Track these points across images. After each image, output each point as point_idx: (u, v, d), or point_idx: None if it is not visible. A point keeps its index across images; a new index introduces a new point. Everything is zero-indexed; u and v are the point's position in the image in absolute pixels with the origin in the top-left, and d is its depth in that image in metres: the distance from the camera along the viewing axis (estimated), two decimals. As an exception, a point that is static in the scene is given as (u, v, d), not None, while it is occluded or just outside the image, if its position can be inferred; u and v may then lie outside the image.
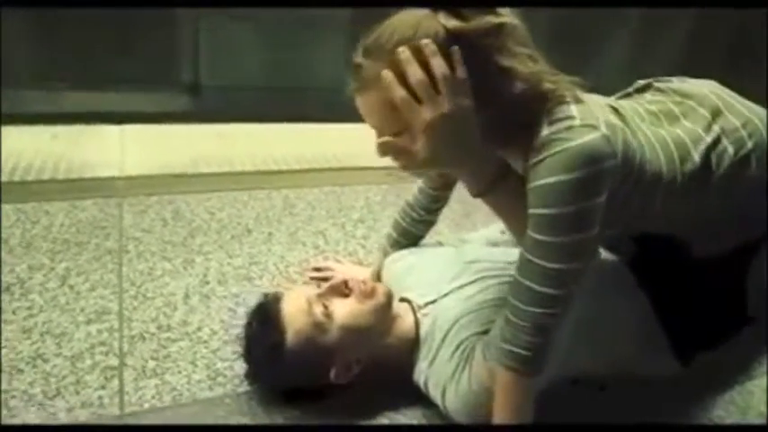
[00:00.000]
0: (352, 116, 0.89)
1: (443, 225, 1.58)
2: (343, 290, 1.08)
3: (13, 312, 1.23)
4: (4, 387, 1.04)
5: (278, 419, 1.04)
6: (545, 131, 0.82)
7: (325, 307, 1.04)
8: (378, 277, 1.39)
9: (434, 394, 1.05)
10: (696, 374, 1.16)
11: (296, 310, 1.04)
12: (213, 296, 1.36)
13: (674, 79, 1.12)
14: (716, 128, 1.00)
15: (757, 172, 1.00)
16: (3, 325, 1.18)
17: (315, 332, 1.03)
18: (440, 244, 1.40)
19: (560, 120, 0.82)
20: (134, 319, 1.26)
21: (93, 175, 1.85)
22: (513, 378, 0.91)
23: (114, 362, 1.13)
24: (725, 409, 1.16)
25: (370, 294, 1.07)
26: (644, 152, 0.91)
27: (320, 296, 1.07)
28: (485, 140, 0.86)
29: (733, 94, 1.07)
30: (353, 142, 2.41)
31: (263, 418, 1.04)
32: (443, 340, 1.06)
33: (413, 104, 0.80)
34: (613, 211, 0.89)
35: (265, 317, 1.05)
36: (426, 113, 0.80)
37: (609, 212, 0.87)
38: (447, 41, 0.79)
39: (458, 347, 1.03)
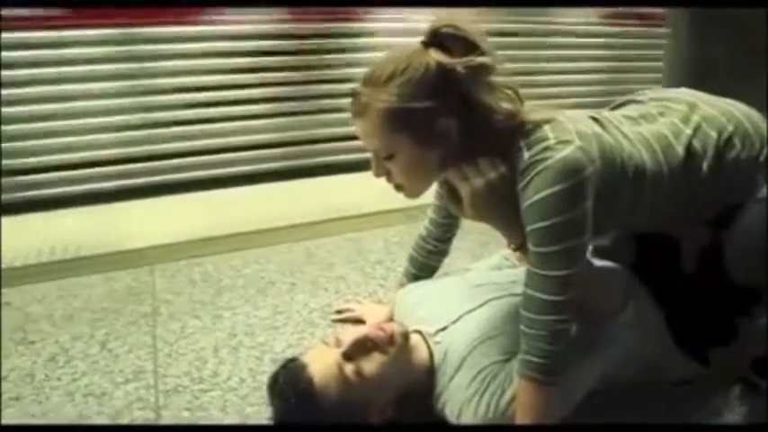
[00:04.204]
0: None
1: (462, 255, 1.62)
2: (366, 345, 1.07)
3: (58, 379, 1.32)
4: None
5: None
6: (525, 155, 0.90)
7: (355, 366, 1.03)
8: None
9: (451, 417, 1.07)
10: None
11: (328, 377, 1.03)
12: (241, 347, 1.43)
13: (647, 91, 1.18)
14: (695, 118, 1.05)
15: (743, 153, 1.03)
16: (50, 390, 1.28)
17: (350, 394, 1.02)
18: (446, 275, 1.45)
19: (537, 142, 0.91)
20: (168, 375, 1.33)
21: (126, 248, 1.98)
22: (532, 388, 0.94)
23: (151, 415, 1.20)
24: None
25: (391, 341, 1.07)
26: (623, 150, 0.97)
27: (346, 356, 1.04)
28: (473, 159, 0.96)
29: (706, 94, 1.12)
30: (366, 190, 2.52)
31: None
32: (460, 366, 1.08)
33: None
34: (606, 211, 0.95)
35: (298, 389, 1.02)
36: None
37: (602, 212, 0.94)
38: (436, 74, 0.90)
39: (479, 373, 1.05)
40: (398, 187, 1.02)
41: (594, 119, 1.02)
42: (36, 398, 1.26)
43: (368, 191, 2.38)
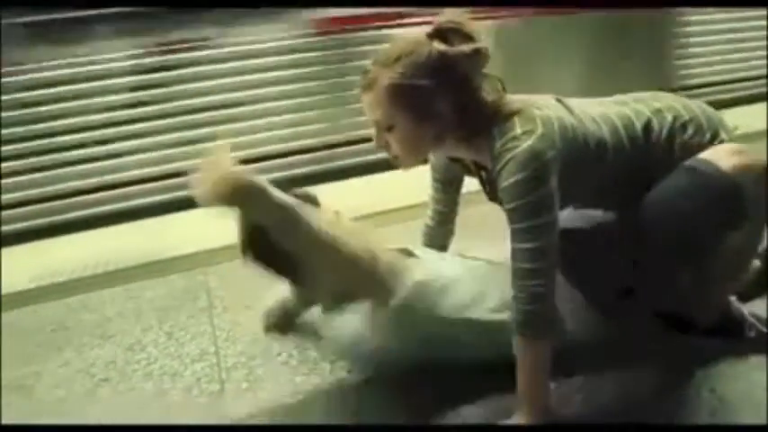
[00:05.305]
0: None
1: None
2: None
3: (137, 363, 1.56)
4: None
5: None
6: (497, 144, 1.09)
7: None
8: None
9: None
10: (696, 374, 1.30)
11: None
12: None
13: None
14: (656, 104, 1.25)
15: (694, 139, 1.22)
16: (131, 372, 1.52)
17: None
18: None
19: (506, 132, 1.09)
20: (229, 355, 1.55)
21: (179, 254, 2.22)
22: (524, 343, 1.11)
23: (216, 387, 1.42)
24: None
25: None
26: (585, 128, 1.16)
27: None
28: (455, 138, 1.16)
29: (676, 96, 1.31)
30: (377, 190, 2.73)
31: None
32: None
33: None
34: (574, 181, 1.13)
35: None
36: None
37: (571, 183, 1.11)
38: (437, 60, 1.08)
39: None
40: (395, 158, 1.19)
41: (560, 101, 1.20)
42: (122, 378, 1.49)
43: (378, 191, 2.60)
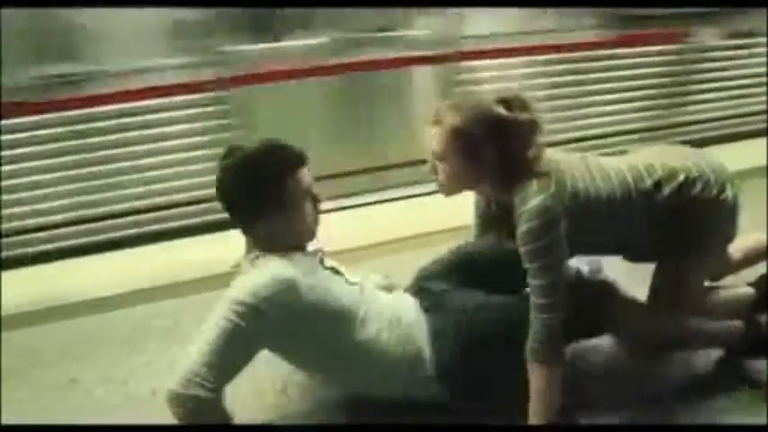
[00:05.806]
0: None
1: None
2: None
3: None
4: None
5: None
6: (517, 197, 1.32)
7: None
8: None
9: None
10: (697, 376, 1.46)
11: None
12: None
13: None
14: (669, 162, 1.44)
15: (703, 194, 1.42)
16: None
17: None
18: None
19: (526, 187, 1.32)
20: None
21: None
22: (536, 367, 1.32)
23: (279, 386, 1.73)
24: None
25: None
26: (596, 183, 1.37)
27: None
28: (491, 183, 1.39)
29: (690, 148, 1.54)
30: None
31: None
32: None
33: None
34: (585, 228, 1.34)
35: None
36: None
37: (582, 230, 1.33)
38: (496, 121, 1.33)
39: None
40: (440, 184, 1.43)
41: (583, 158, 1.42)
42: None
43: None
